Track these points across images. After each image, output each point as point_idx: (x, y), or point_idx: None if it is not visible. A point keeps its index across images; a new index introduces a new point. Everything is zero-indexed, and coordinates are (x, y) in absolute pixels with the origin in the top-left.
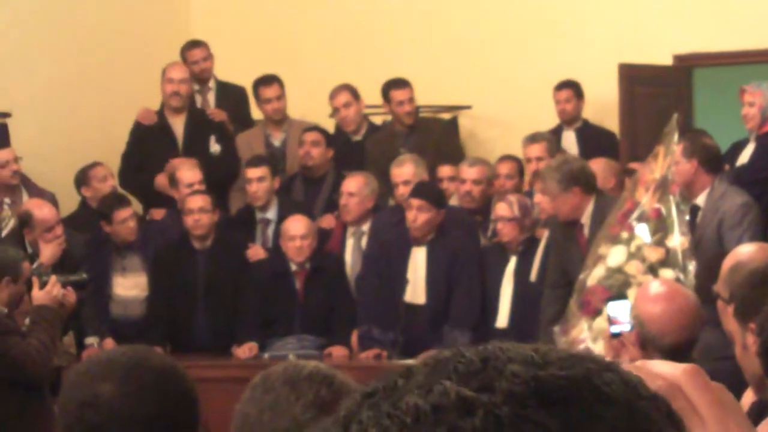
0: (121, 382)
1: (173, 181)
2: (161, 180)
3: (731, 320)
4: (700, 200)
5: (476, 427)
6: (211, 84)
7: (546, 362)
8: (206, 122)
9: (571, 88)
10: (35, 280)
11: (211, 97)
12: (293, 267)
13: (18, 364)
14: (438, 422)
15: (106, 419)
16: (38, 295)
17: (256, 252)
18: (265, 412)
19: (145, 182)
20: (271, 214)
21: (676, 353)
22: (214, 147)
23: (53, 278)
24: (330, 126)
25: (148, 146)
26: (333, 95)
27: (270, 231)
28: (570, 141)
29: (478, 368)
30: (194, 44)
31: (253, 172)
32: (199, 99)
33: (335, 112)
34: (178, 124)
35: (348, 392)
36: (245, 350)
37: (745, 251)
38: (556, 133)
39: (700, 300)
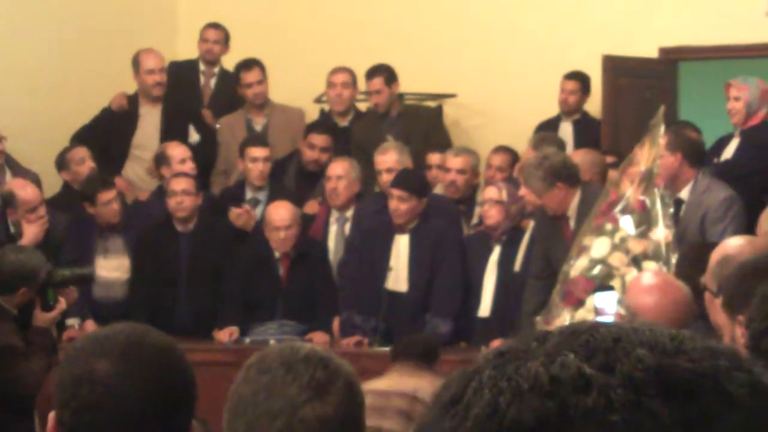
0: (118, 359)
1: (164, 159)
2: (120, 182)
3: (719, 313)
4: (684, 194)
5: (587, 406)
6: (216, 70)
7: (677, 351)
8: (184, 111)
9: (579, 81)
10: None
11: (213, 81)
12: (277, 253)
13: (17, 384)
14: (551, 394)
15: (102, 396)
16: (41, 317)
17: (240, 213)
18: (260, 393)
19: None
20: (262, 195)
21: None
22: (194, 136)
23: (62, 303)
24: (314, 111)
25: (110, 131)
26: (333, 72)
27: (258, 211)
28: (566, 132)
29: (607, 346)
30: (214, 26)
31: (258, 152)
32: (202, 79)
33: (330, 87)
34: (153, 113)
35: (343, 375)
36: (226, 334)
37: (734, 244)
38: (553, 124)
39: None
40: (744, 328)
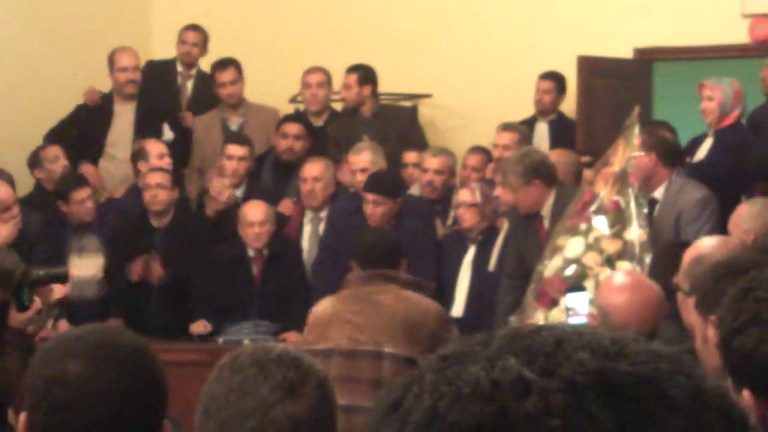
0: (90, 359)
1: (142, 154)
2: (87, 169)
3: (691, 312)
4: (658, 194)
5: (527, 410)
6: (193, 72)
7: (619, 354)
8: (159, 109)
9: (554, 81)
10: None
11: (190, 84)
12: (251, 252)
13: None
14: (491, 399)
15: (74, 397)
16: (16, 318)
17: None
18: (232, 393)
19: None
20: (239, 193)
21: None
22: (168, 134)
23: (37, 303)
24: (289, 111)
25: (84, 129)
26: (309, 72)
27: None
28: (542, 132)
29: (548, 350)
30: (193, 27)
31: (234, 149)
32: (179, 80)
33: (305, 87)
34: (127, 111)
35: (315, 375)
36: (200, 326)
37: (707, 244)
38: (529, 124)
39: None
40: (716, 328)
